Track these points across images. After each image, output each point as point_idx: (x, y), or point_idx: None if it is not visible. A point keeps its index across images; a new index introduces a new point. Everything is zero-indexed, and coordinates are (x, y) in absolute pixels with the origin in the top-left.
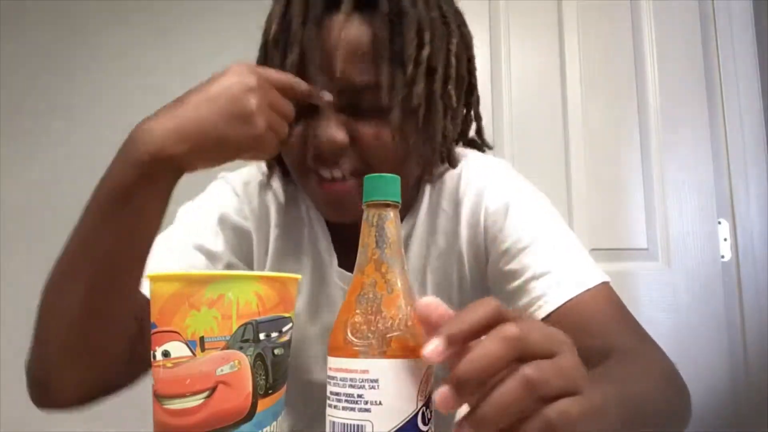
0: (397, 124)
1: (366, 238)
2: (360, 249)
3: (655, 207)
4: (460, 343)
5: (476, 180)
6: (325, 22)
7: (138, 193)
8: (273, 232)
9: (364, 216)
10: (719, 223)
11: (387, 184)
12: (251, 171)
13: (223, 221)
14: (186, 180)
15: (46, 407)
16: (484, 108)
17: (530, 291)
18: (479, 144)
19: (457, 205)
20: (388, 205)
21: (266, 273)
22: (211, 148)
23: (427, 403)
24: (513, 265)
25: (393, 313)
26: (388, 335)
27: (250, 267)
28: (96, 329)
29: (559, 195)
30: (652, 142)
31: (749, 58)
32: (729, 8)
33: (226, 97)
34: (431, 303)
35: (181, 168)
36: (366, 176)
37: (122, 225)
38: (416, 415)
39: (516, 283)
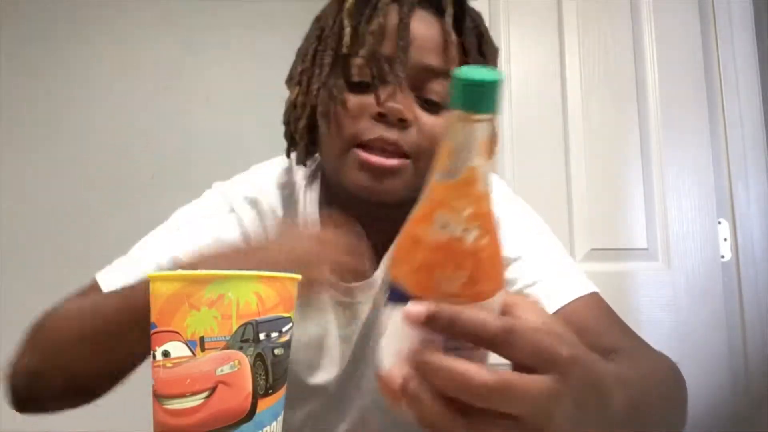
0: None
1: (461, 148)
2: (451, 160)
3: (655, 207)
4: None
5: None
6: (399, 12)
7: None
8: None
9: (461, 126)
10: (719, 223)
11: (493, 90)
12: (249, 181)
13: (217, 240)
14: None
15: (32, 411)
16: None
17: None
18: None
19: None
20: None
21: (266, 273)
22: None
23: None
24: None
25: (483, 243)
26: (476, 273)
27: None
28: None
29: (559, 195)
30: (652, 142)
31: (749, 58)
32: (729, 8)
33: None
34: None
35: None
36: (460, 74)
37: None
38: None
39: None
